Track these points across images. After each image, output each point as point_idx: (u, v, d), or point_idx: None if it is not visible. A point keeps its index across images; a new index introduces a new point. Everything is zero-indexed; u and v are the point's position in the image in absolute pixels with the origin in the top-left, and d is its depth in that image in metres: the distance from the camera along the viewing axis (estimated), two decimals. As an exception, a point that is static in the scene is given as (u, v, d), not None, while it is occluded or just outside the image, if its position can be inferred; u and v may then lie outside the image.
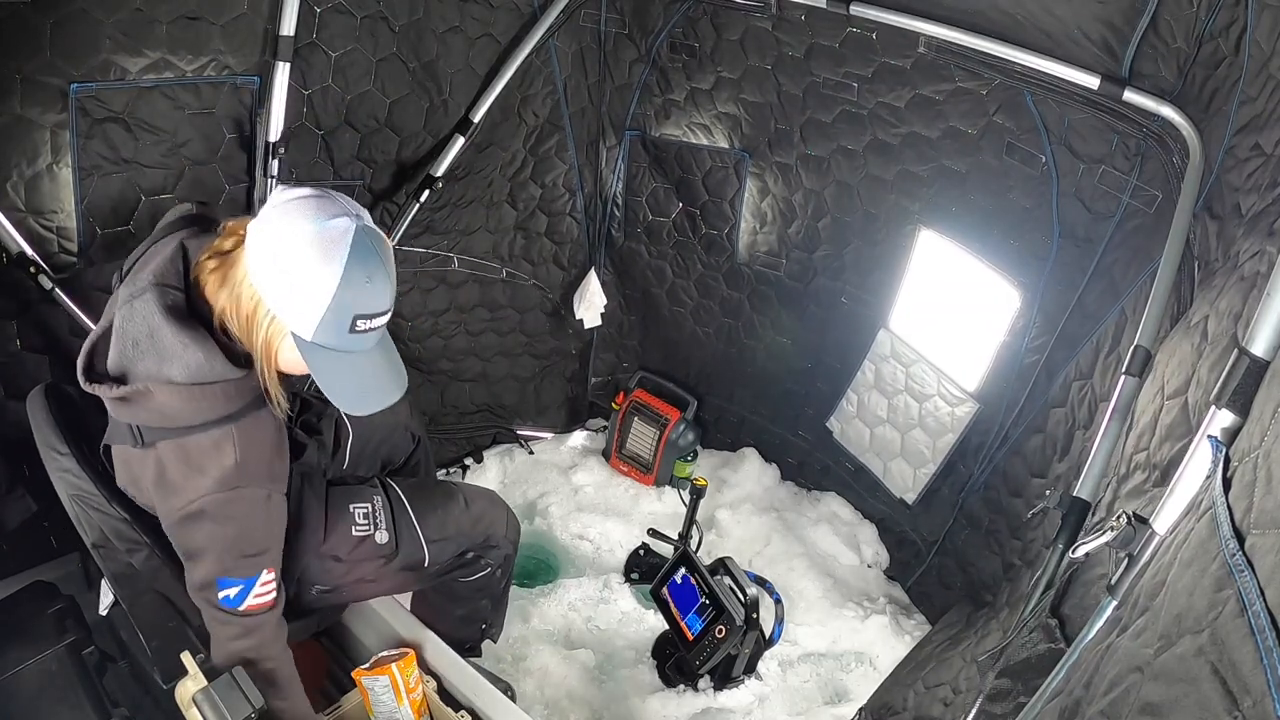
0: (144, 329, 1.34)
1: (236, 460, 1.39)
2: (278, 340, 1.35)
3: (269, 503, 1.49)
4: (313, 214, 1.27)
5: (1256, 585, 0.78)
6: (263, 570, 1.50)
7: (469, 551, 2.02)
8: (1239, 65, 1.66)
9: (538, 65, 2.91)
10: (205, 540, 1.45)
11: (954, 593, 2.78)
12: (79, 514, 1.57)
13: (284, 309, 1.30)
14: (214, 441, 1.39)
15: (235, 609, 1.50)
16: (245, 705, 1.60)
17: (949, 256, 2.65)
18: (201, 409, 1.37)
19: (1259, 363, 1.08)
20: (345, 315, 1.29)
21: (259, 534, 1.49)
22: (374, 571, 1.89)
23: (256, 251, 1.29)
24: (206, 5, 2.15)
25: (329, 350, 1.33)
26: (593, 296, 3.41)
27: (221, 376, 1.35)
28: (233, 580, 1.47)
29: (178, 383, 1.33)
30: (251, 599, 1.50)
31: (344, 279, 1.26)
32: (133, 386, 1.34)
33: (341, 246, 1.26)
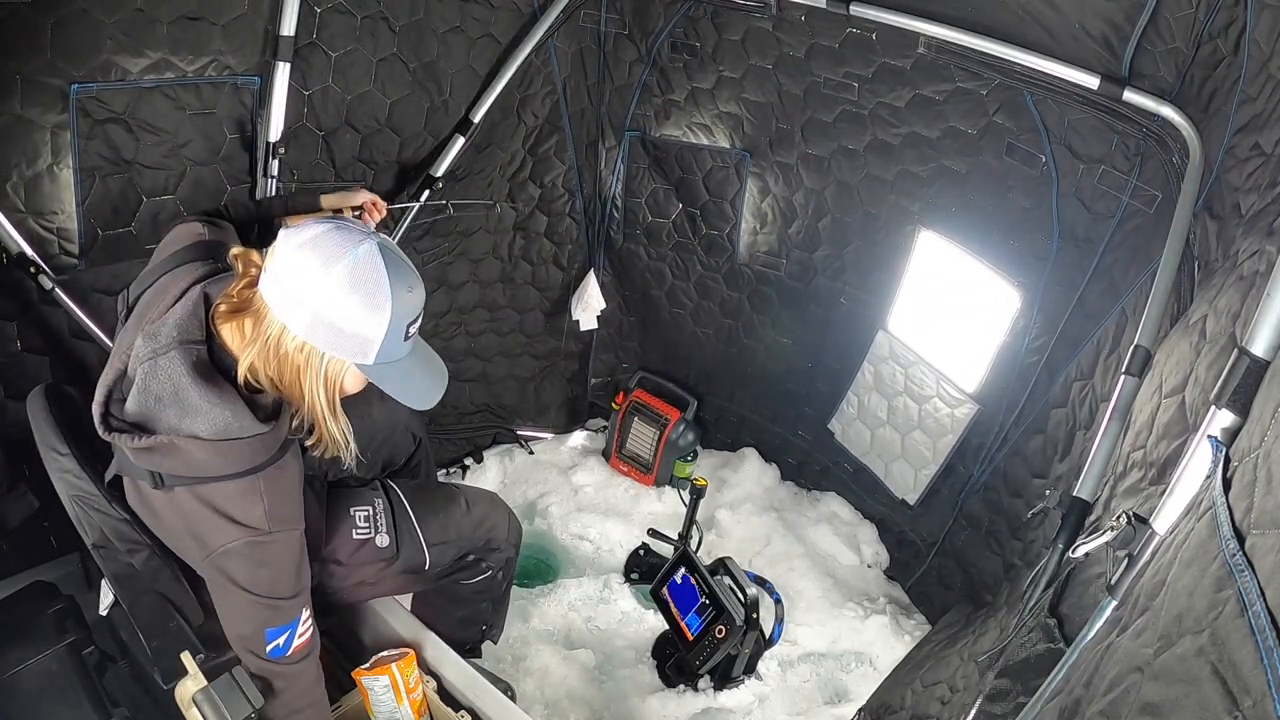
0: (169, 387, 1.31)
1: (265, 510, 1.39)
2: (338, 376, 1.35)
3: (295, 544, 1.48)
4: (335, 253, 1.24)
5: (1257, 585, 0.78)
6: (303, 610, 1.51)
7: (470, 554, 2.01)
8: (1239, 65, 1.66)
9: (537, 65, 2.91)
10: (243, 584, 1.42)
11: (954, 593, 2.78)
12: (79, 514, 1.57)
13: (343, 350, 1.30)
14: (240, 491, 1.37)
15: (285, 656, 1.51)
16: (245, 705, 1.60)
17: (949, 257, 2.65)
18: (228, 462, 1.35)
19: (1259, 362, 1.08)
20: (400, 330, 1.31)
21: (293, 576, 1.48)
22: (374, 574, 1.89)
23: (291, 309, 1.26)
24: (207, 6, 2.14)
25: (393, 363, 1.35)
26: (590, 299, 3.41)
27: (249, 433, 1.32)
28: (278, 629, 1.48)
29: (204, 438, 1.31)
30: (297, 640, 1.51)
31: (394, 303, 1.27)
32: (157, 438, 1.31)
33: (379, 275, 1.26)
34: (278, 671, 1.53)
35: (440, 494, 2.05)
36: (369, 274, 1.25)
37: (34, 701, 1.73)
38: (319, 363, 1.31)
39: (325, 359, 1.31)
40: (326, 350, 1.29)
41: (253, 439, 1.33)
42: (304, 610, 1.51)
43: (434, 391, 1.43)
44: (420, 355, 1.42)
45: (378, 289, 1.26)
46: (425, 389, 1.42)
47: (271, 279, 1.27)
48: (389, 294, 1.26)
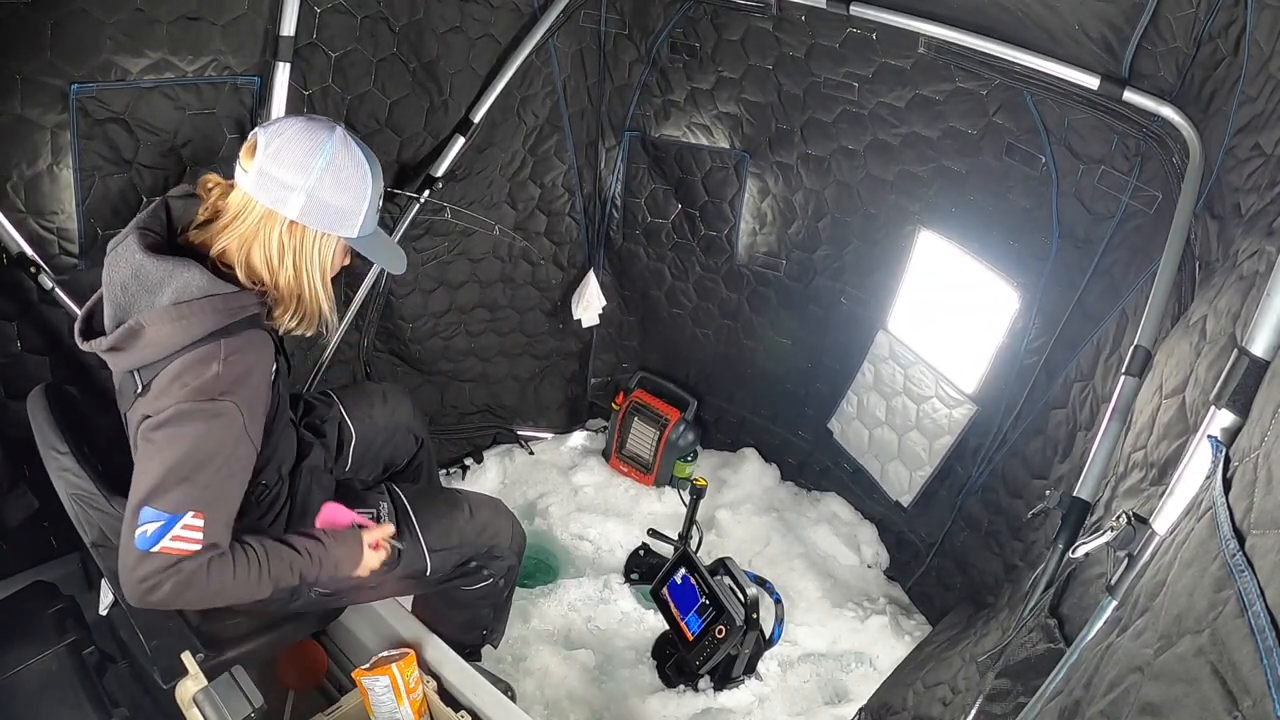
0: (129, 270, 1.40)
1: (217, 372, 1.37)
2: (331, 251, 1.51)
3: (234, 434, 1.40)
4: (316, 140, 1.41)
5: (1257, 585, 0.78)
6: (188, 511, 1.37)
7: (472, 561, 2.01)
8: (1239, 65, 1.66)
9: (537, 65, 2.91)
10: (155, 450, 1.37)
11: (954, 594, 2.78)
12: (79, 513, 1.57)
13: (335, 226, 1.46)
14: (200, 357, 1.37)
15: (150, 550, 1.37)
16: (245, 705, 1.60)
17: (948, 257, 2.65)
18: (190, 326, 1.36)
19: (1259, 363, 1.08)
20: (377, 202, 1.51)
21: (208, 461, 1.38)
22: (375, 578, 1.88)
23: (283, 198, 1.40)
24: (207, 6, 2.15)
25: (370, 236, 1.54)
26: (591, 297, 3.41)
27: (208, 291, 1.37)
28: (156, 512, 1.36)
29: (165, 306, 1.35)
30: (168, 540, 1.36)
31: (371, 174, 1.47)
32: (124, 327, 1.37)
33: (358, 154, 1.45)
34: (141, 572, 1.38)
35: (444, 499, 2.05)
36: (349, 155, 1.44)
37: (34, 701, 1.73)
38: (312, 243, 1.47)
39: (317, 238, 1.47)
40: (320, 228, 1.46)
41: (213, 298, 1.37)
42: (193, 515, 1.37)
43: (401, 260, 1.63)
44: (381, 233, 1.62)
45: (359, 167, 1.45)
46: (394, 257, 1.63)
47: (257, 176, 1.40)
48: (367, 167, 1.46)
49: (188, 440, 1.36)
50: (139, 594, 1.40)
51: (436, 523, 1.95)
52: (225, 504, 1.45)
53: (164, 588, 1.39)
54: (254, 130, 1.44)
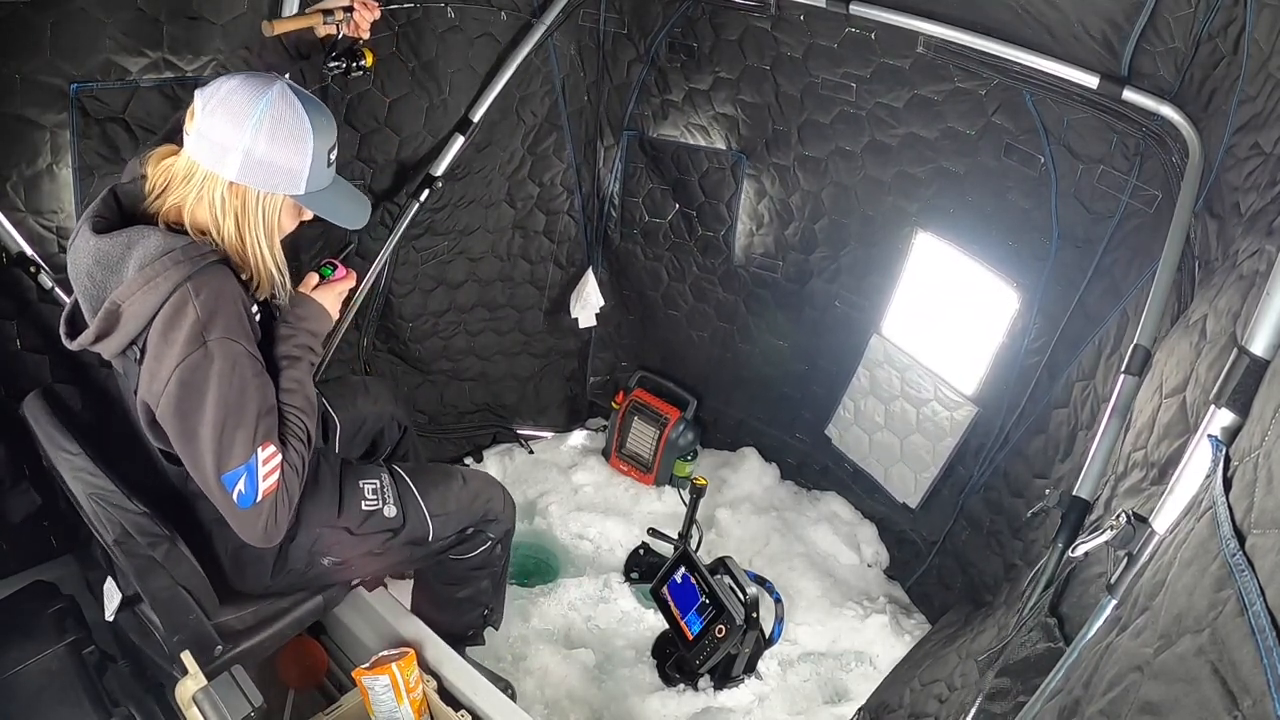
0: (89, 258, 1.41)
1: (198, 315, 1.36)
2: (276, 211, 1.47)
3: (245, 361, 1.42)
4: (252, 97, 1.38)
5: (1257, 585, 0.78)
6: (258, 447, 1.43)
7: (470, 527, 2.07)
8: (1238, 64, 1.66)
9: (536, 64, 2.91)
10: (189, 422, 1.39)
11: (954, 593, 2.78)
12: (97, 512, 1.57)
13: (277, 185, 1.43)
14: (174, 309, 1.36)
15: (256, 502, 1.45)
16: (245, 705, 1.61)
17: (946, 259, 2.65)
18: (160, 285, 1.36)
19: (1259, 362, 1.09)
20: (323, 156, 1.45)
21: (240, 398, 1.41)
22: (381, 545, 1.94)
23: (221, 158, 1.38)
24: (206, 5, 2.14)
25: (322, 191, 1.49)
26: (589, 297, 3.41)
27: (166, 247, 1.37)
28: (234, 471, 1.41)
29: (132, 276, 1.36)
30: (262, 484, 1.44)
31: (314, 131, 1.42)
32: (102, 311, 1.37)
33: (297, 108, 1.40)
34: (251, 515, 1.46)
35: (439, 470, 2.13)
36: (287, 109, 1.39)
37: (34, 701, 1.73)
38: (254, 203, 1.44)
39: (261, 198, 1.44)
40: (262, 188, 1.42)
41: (173, 251, 1.37)
42: (262, 449, 1.43)
43: (362, 213, 1.58)
44: (343, 186, 1.56)
45: (299, 121, 1.40)
46: (354, 211, 1.57)
47: (196, 137, 1.39)
48: (309, 124, 1.41)
49: (210, 395, 1.38)
50: (270, 538, 1.50)
51: (434, 490, 2.01)
52: (275, 420, 1.49)
53: (279, 517, 1.49)
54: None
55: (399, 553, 1.99)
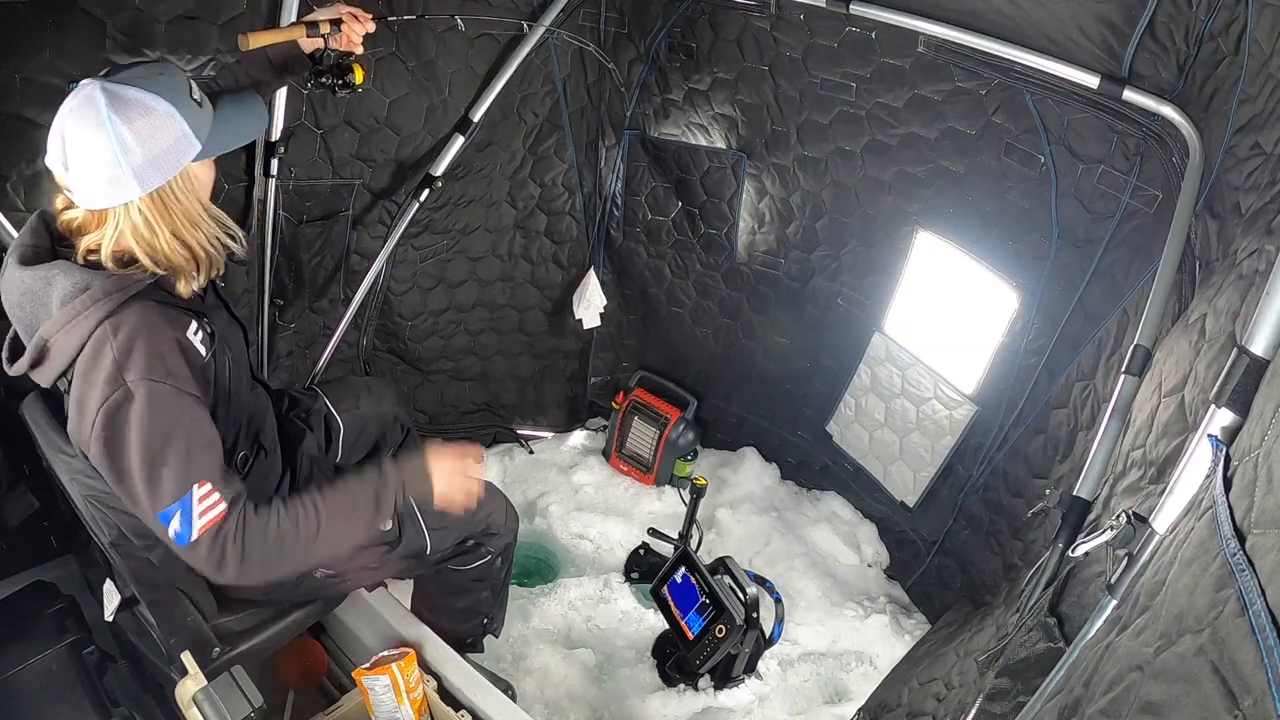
0: (17, 290, 1.39)
1: (114, 356, 1.32)
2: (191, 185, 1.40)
3: (169, 400, 1.35)
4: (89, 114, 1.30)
5: (1257, 585, 0.78)
6: (193, 485, 1.35)
7: (469, 539, 2.05)
8: (1239, 64, 1.66)
9: (537, 64, 2.91)
10: (118, 465, 1.34)
11: (954, 593, 2.78)
12: (94, 514, 1.57)
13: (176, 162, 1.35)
14: (94, 350, 1.33)
15: (192, 541, 1.36)
16: (245, 705, 1.61)
17: (946, 258, 2.65)
18: (81, 325, 1.33)
19: (1259, 361, 1.08)
20: (186, 103, 1.36)
21: (165, 439, 1.34)
22: (377, 559, 1.92)
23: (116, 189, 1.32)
24: (205, 5, 2.14)
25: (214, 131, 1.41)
26: (592, 296, 3.41)
27: (83, 285, 1.34)
28: (167, 510, 1.34)
29: (55, 313, 1.34)
30: (198, 522, 1.35)
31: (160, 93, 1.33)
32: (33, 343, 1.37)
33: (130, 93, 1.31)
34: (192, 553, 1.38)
35: None
36: (124, 102, 1.30)
37: (34, 701, 1.73)
38: (172, 195, 1.37)
39: (174, 186, 1.37)
40: (167, 176, 1.35)
41: (92, 289, 1.33)
42: (197, 486, 1.35)
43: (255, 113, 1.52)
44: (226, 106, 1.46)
45: (143, 101, 1.31)
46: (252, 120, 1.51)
47: (79, 193, 1.33)
48: (150, 93, 1.32)
49: (133, 437, 1.33)
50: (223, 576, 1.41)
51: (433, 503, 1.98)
52: (215, 458, 1.41)
53: (229, 560, 1.39)
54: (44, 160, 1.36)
55: (395, 565, 1.98)
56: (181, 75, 1.39)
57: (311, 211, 2.59)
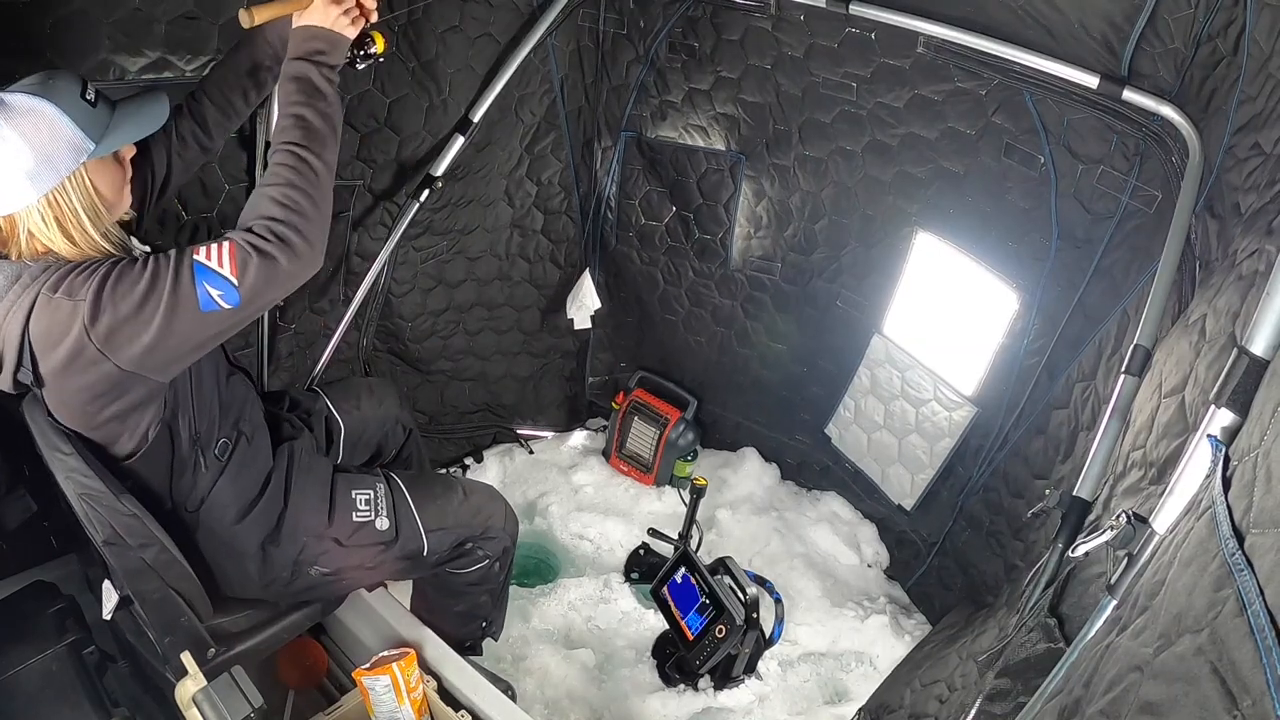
0: None
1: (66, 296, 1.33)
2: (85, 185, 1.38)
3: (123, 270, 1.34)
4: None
5: (1256, 585, 0.78)
6: (189, 260, 1.33)
7: (467, 542, 2.05)
8: (1238, 64, 1.66)
9: (535, 64, 2.91)
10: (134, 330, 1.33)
11: (954, 593, 2.78)
12: (88, 512, 1.57)
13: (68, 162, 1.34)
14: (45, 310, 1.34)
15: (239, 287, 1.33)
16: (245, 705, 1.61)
17: (946, 259, 2.65)
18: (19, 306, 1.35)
19: (1259, 362, 1.08)
20: (78, 105, 1.35)
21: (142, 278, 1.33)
22: (373, 558, 1.92)
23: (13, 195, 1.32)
24: (205, 5, 2.14)
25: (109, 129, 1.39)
26: (585, 298, 3.40)
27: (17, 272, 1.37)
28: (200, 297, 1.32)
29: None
30: (224, 270, 1.33)
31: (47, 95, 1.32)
32: None
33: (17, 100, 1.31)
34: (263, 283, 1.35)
35: (439, 483, 2.10)
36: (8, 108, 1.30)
37: (34, 701, 1.73)
38: (66, 196, 1.36)
39: (68, 186, 1.35)
40: (62, 174, 1.34)
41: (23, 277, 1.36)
42: (188, 257, 1.33)
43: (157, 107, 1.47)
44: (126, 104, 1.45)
45: (25, 105, 1.31)
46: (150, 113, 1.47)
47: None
48: (37, 97, 1.31)
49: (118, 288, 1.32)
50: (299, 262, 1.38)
51: (432, 503, 1.99)
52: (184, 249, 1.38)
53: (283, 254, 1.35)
54: None
55: (393, 566, 1.98)
56: (72, 78, 1.38)
57: (312, 212, 2.59)
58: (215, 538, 1.75)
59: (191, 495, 1.69)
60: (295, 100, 1.46)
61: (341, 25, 1.51)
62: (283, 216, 1.37)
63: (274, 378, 2.73)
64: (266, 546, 1.79)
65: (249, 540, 1.77)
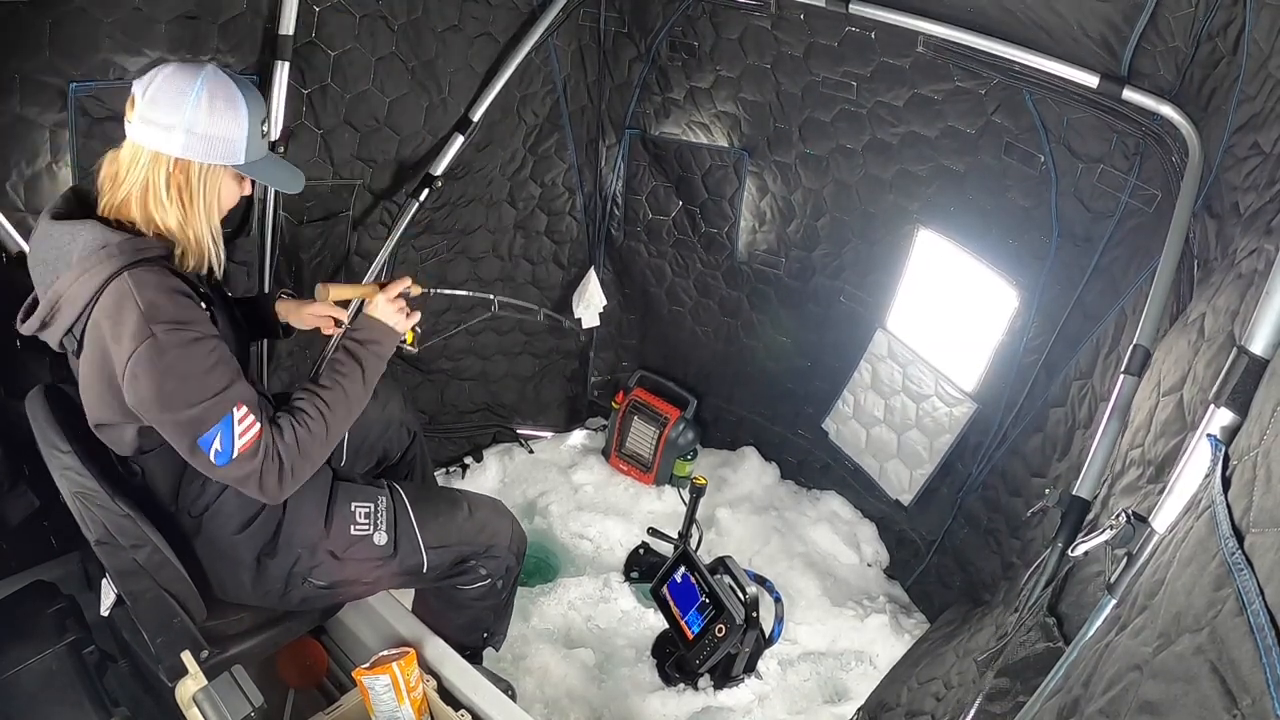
0: (44, 245, 1.49)
1: (140, 309, 1.41)
2: (218, 183, 1.54)
3: (198, 344, 1.46)
4: (187, 79, 1.46)
5: (1256, 584, 0.78)
6: (231, 408, 1.48)
7: (470, 559, 2.02)
8: (1238, 64, 1.66)
9: (537, 64, 2.91)
10: (154, 399, 1.44)
11: (953, 592, 2.78)
12: (81, 511, 1.57)
13: (218, 155, 1.50)
14: (114, 301, 1.42)
15: (232, 460, 1.49)
16: (245, 705, 1.61)
17: (947, 256, 2.65)
18: (93, 276, 1.42)
19: (1258, 361, 1.08)
20: (257, 127, 1.54)
21: (203, 375, 1.46)
22: (370, 572, 1.90)
23: (164, 138, 1.46)
24: (205, 4, 2.14)
25: (260, 160, 1.58)
26: (591, 296, 3.41)
27: (104, 241, 1.44)
28: (209, 434, 1.46)
29: (73, 264, 1.44)
30: (239, 441, 1.48)
31: (247, 102, 1.50)
32: (46, 300, 1.47)
33: (230, 85, 1.49)
34: (232, 471, 1.51)
35: (443, 497, 2.07)
36: (220, 87, 1.48)
37: (34, 701, 1.73)
38: (198, 177, 1.51)
39: (204, 172, 1.51)
40: (204, 159, 1.49)
41: (109, 246, 1.44)
42: (233, 409, 1.48)
43: (296, 180, 1.66)
44: (278, 159, 1.65)
45: (232, 95, 1.48)
46: (289, 178, 1.66)
47: (139, 123, 1.46)
48: (242, 96, 1.49)
49: (172, 374, 1.43)
50: (269, 492, 1.54)
51: (434, 520, 1.96)
52: (242, 387, 1.52)
53: (270, 474, 1.53)
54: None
55: (391, 580, 1.96)
56: (264, 106, 1.56)
57: (312, 212, 2.59)
58: (214, 545, 1.74)
59: (197, 501, 1.70)
60: (354, 383, 1.70)
61: (398, 322, 1.81)
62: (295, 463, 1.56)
63: (274, 378, 2.73)
64: (262, 558, 1.78)
65: (246, 551, 1.77)
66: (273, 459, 1.52)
